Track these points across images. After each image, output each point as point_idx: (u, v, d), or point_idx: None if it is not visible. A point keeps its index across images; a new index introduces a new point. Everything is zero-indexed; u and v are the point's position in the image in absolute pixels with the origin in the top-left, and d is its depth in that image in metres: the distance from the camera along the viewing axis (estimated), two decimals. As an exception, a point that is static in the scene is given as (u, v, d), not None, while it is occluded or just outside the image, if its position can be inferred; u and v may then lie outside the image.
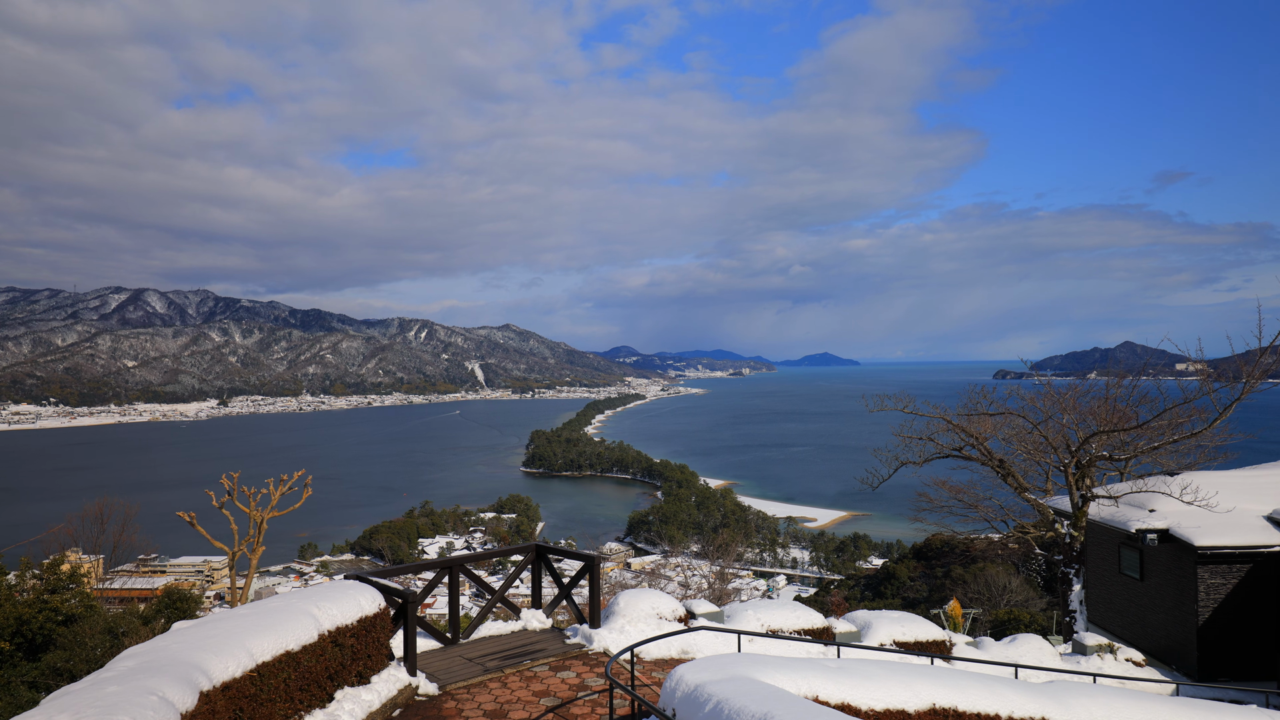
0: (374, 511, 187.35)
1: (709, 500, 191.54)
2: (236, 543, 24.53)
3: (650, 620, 16.13)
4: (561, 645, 15.49)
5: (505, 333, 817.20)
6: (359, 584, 12.67)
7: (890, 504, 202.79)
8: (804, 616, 17.84)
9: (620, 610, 16.30)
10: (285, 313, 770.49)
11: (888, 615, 19.16)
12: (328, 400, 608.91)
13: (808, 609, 18.20)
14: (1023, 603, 49.24)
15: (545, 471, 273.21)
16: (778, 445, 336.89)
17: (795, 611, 17.94)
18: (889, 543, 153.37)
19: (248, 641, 9.63)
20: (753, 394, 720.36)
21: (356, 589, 12.32)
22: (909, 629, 18.62)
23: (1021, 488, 24.34)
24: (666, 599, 16.81)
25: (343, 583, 12.81)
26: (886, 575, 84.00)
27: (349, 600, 11.86)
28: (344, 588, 12.30)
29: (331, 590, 12.06)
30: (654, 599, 16.68)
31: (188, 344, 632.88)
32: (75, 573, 23.05)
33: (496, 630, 16.48)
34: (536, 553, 17.37)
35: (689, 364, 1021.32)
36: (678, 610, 16.67)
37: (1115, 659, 20.32)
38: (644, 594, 16.86)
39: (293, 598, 11.53)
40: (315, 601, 11.38)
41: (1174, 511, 22.47)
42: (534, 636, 16.15)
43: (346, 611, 11.64)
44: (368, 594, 12.34)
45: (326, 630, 11.08)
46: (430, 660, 14.54)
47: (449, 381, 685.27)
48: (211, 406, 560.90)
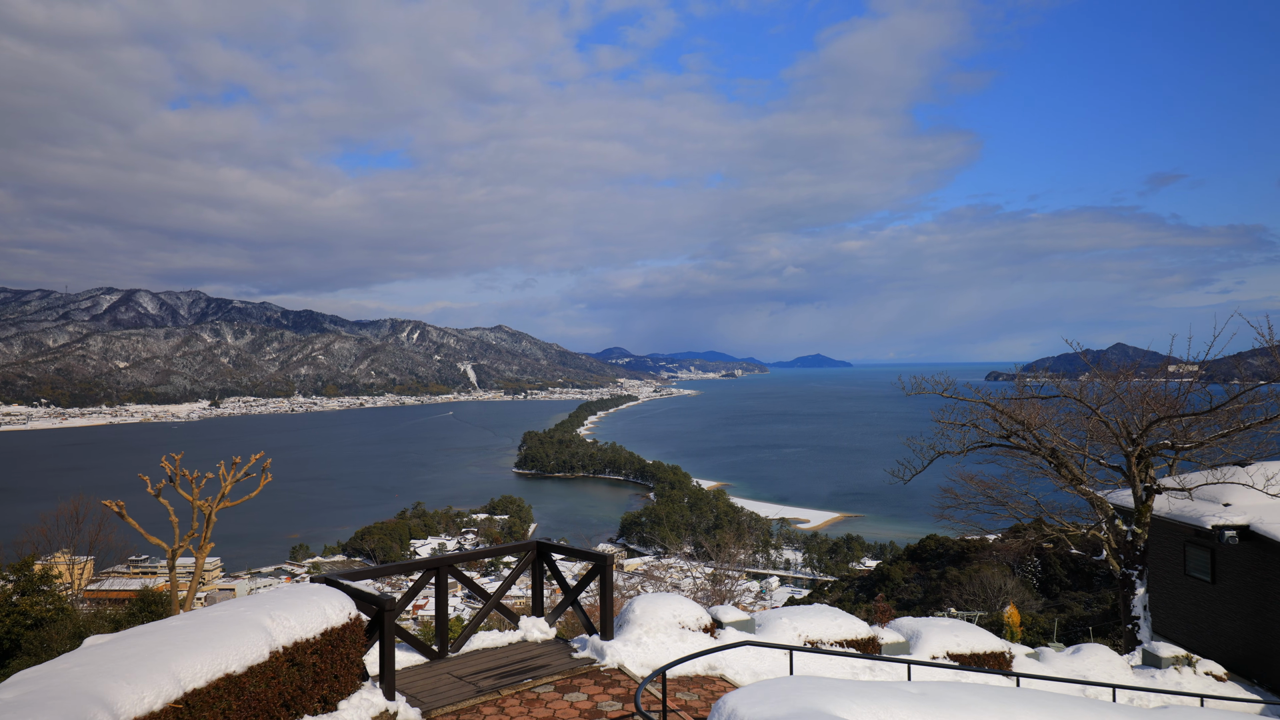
0: (366, 513, 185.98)
1: (702, 501, 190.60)
2: (177, 538, 21.19)
3: (671, 630, 13.97)
4: (568, 660, 13.41)
5: (498, 334, 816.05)
6: (325, 588, 10.61)
7: (883, 505, 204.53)
8: (846, 625, 15.70)
9: (636, 618, 14.08)
10: (277, 314, 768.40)
11: (937, 624, 16.93)
12: (320, 401, 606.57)
13: (849, 616, 16.03)
14: (1019, 604, 47.96)
15: (538, 473, 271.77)
16: (770, 446, 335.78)
17: (836, 619, 15.76)
18: (881, 544, 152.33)
19: (174, 662, 7.54)
20: (745, 395, 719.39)
21: (322, 594, 10.24)
22: (964, 639, 16.46)
23: (1076, 480, 22.10)
24: (689, 605, 14.62)
25: (305, 586, 10.68)
26: (881, 577, 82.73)
27: (311, 608, 9.75)
28: (306, 593, 10.20)
29: (290, 596, 9.94)
30: (674, 605, 14.49)
31: (179, 345, 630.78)
32: (47, 574, 21.89)
33: (491, 642, 14.29)
34: (537, 551, 15.09)
35: (681, 365, 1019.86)
36: (702, 618, 14.51)
37: (1194, 672, 17.97)
38: (663, 599, 14.67)
39: (241, 605, 9.40)
40: (268, 610, 9.27)
41: (1253, 506, 20.22)
42: (535, 649, 14.03)
43: (308, 622, 9.53)
44: (335, 600, 10.23)
45: (281, 646, 8.97)
46: (413, 679, 12.48)
47: (441, 382, 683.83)
48: (203, 407, 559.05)
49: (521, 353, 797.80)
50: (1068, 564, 71.55)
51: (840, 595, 78.03)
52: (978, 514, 26.36)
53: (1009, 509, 25.40)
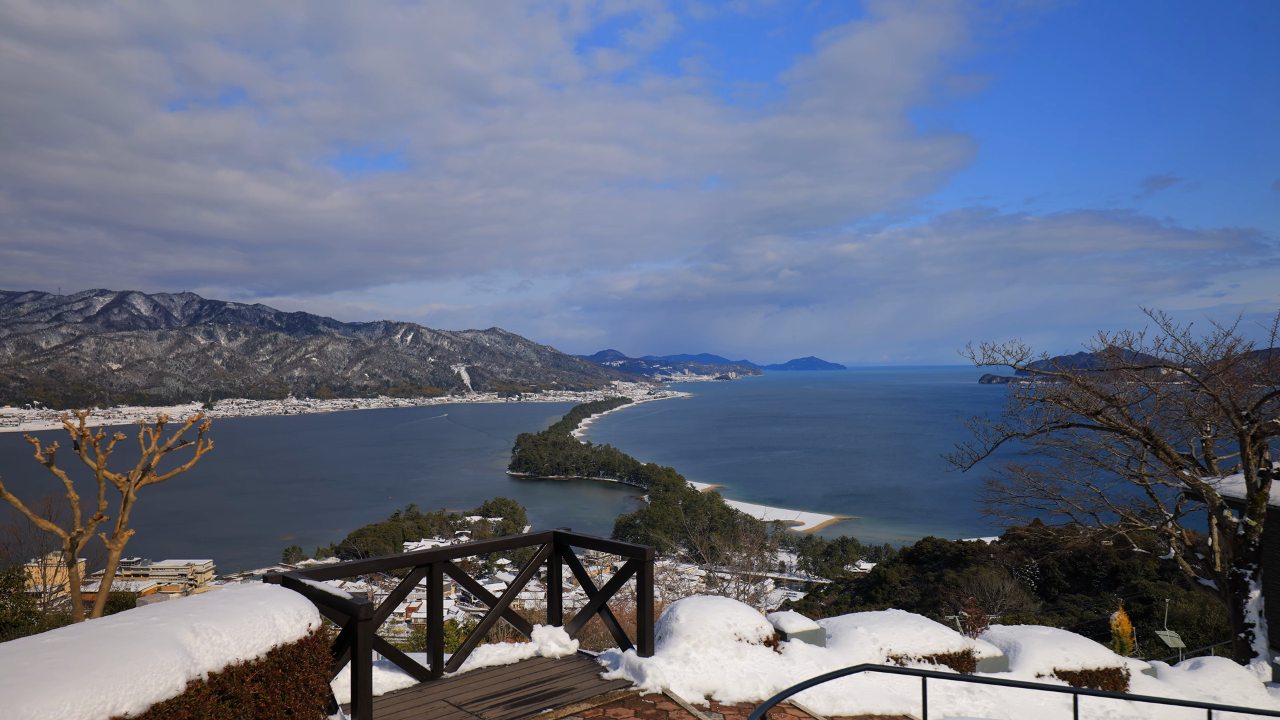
0: (360, 514, 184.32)
1: (696, 503, 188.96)
2: (78, 521, 16.04)
3: (726, 643, 11.25)
4: (597, 682, 10.65)
5: (492, 336, 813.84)
6: (278, 591, 8.04)
7: (877, 507, 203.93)
8: (935, 636, 13.04)
9: (681, 628, 11.33)
10: (271, 316, 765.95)
11: (1037, 633, 14.33)
12: (313, 403, 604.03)
13: (936, 625, 13.38)
14: (1017, 607, 46.35)
15: (531, 474, 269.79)
16: (764, 448, 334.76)
17: (921, 629, 13.12)
18: (877, 546, 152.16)
19: (25, 702, 4.97)
20: (739, 398, 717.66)
21: (271, 598, 7.70)
22: (1073, 652, 13.80)
23: (1175, 464, 19.43)
24: (745, 611, 11.93)
25: (250, 587, 8.04)
26: (877, 579, 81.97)
27: (254, 618, 7.17)
28: (248, 597, 7.61)
29: (226, 601, 7.40)
30: (728, 611, 11.77)
31: (172, 347, 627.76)
32: (13, 577, 19.37)
33: (499, 657, 11.50)
34: (554, 543, 12.36)
35: (675, 368, 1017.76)
36: (763, 628, 11.83)
37: (1337, 690, 15.43)
38: (713, 604, 11.92)
39: (154, 614, 6.74)
40: (191, 621, 6.63)
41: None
42: (554, 667, 11.27)
43: (248, 636, 6.96)
44: (290, 606, 7.68)
45: (207, 672, 6.31)
46: (398, 709, 9.68)
47: (435, 384, 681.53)
48: (196, 409, 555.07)
49: (515, 355, 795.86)
50: (1066, 566, 69.88)
51: (837, 598, 76.86)
52: (1024, 509, 23.96)
53: (1062, 503, 22.99)
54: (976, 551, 77.42)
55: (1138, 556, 65.73)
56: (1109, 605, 59.52)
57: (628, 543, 11.63)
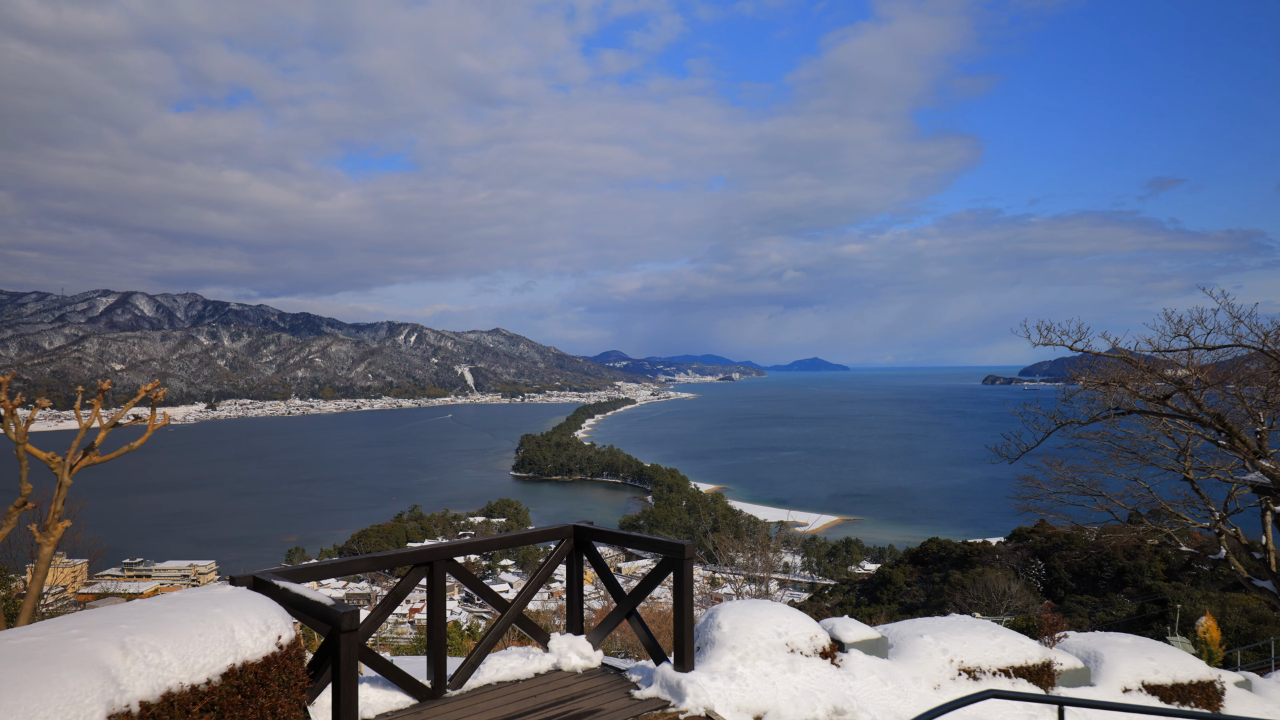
0: (364, 515, 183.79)
1: (700, 504, 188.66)
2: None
3: (777, 655, 9.68)
4: (627, 701, 9.09)
5: (495, 337, 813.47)
6: (243, 595, 6.59)
7: (882, 508, 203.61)
8: (1010, 646, 11.51)
9: (724, 637, 9.76)
10: (274, 316, 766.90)
11: (1118, 641, 12.85)
12: (316, 404, 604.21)
13: (1009, 633, 11.87)
14: (1024, 608, 45.66)
15: (535, 475, 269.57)
16: (768, 449, 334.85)
17: (994, 637, 11.60)
18: (880, 547, 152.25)
19: None
20: (743, 399, 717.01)
21: (231, 605, 6.25)
22: (1162, 663, 12.40)
23: (1254, 453, 18.00)
24: (797, 617, 10.41)
25: (209, 591, 6.57)
26: (882, 580, 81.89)
27: (206, 629, 5.71)
28: (201, 602, 6.14)
29: (173, 608, 5.92)
30: (777, 617, 10.23)
31: (176, 347, 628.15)
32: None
33: (510, 671, 9.80)
34: (574, 539, 10.74)
35: (679, 368, 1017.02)
36: (818, 637, 10.26)
37: None
38: (759, 609, 10.34)
39: (75, 625, 5.32)
40: (124, 634, 5.25)
41: None
42: (576, 684, 9.64)
43: (197, 653, 5.51)
44: (253, 615, 6.22)
45: (138, 701, 4.90)
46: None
47: (438, 385, 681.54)
48: (200, 410, 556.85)
49: (519, 356, 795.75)
50: (1072, 567, 69.04)
51: (841, 599, 76.36)
52: (1061, 505, 22.62)
53: (1101, 500, 21.66)
54: (982, 552, 76.83)
55: (1145, 557, 64.84)
56: (1116, 605, 58.69)
57: (663, 538, 9.93)
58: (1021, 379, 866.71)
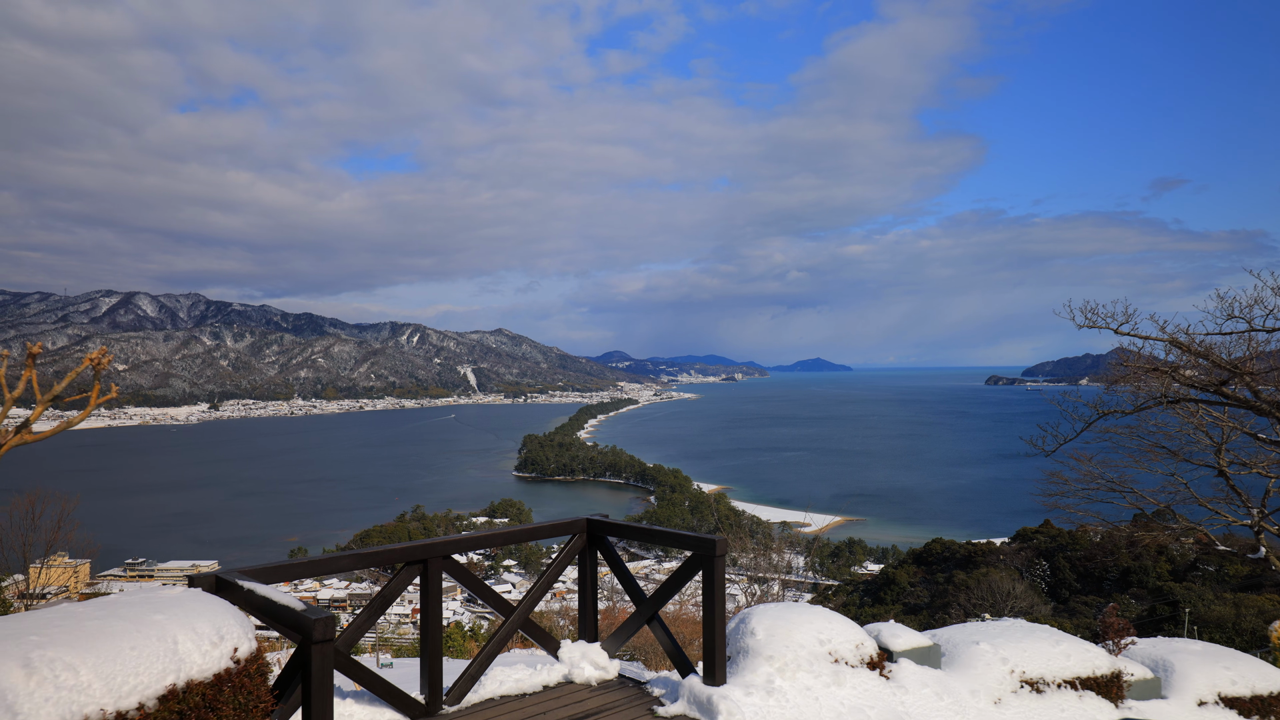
0: (367, 515, 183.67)
1: (702, 504, 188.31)
2: None
3: (820, 665, 8.90)
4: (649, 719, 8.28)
5: (498, 337, 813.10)
6: (194, 599, 5.79)
7: (885, 508, 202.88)
8: (1075, 654, 10.84)
9: (759, 646, 8.90)
10: (277, 316, 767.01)
11: (1188, 648, 12.45)
12: (319, 404, 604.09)
13: (1073, 639, 11.26)
14: (1027, 609, 45.99)
15: (538, 475, 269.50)
16: (771, 449, 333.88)
17: (1057, 644, 10.93)
18: (884, 548, 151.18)
19: None
20: (745, 399, 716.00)
21: (176, 611, 5.42)
22: (1239, 673, 11.81)
23: None
24: (840, 622, 9.64)
25: (151, 595, 5.75)
26: (886, 581, 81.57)
27: (141, 641, 4.94)
28: (139, 608, 5.35)
29: (103, 615, 5.16)
30: (818, 622, 9.45)
31: (178, 348, 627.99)
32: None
33: (515, 684, 8.85)
34: (588, 534, 9.80)
35: (681, 369, 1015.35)
36: (864, 645, 9.48)
37: None
38: (797, 613, 9.57)
39: None
40: (31, 647, 4.53)
41: None
42: (590, 698, 8.75)
43: (126, 672, 4.72)
44: (203, 623, 5.39)
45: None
46: None
47: (441, 385, 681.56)
48: (202, 410, 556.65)
49: (522, 356, 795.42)
50: (1076, 567, 69.43)
51: (845, 600, 76.57)
52: (1089, 502, 22.41)
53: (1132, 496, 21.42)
54: (986, 553, 77.00)
55: (1150, 557, 65.19)
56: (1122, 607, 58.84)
57: (690, 532, 8.95)
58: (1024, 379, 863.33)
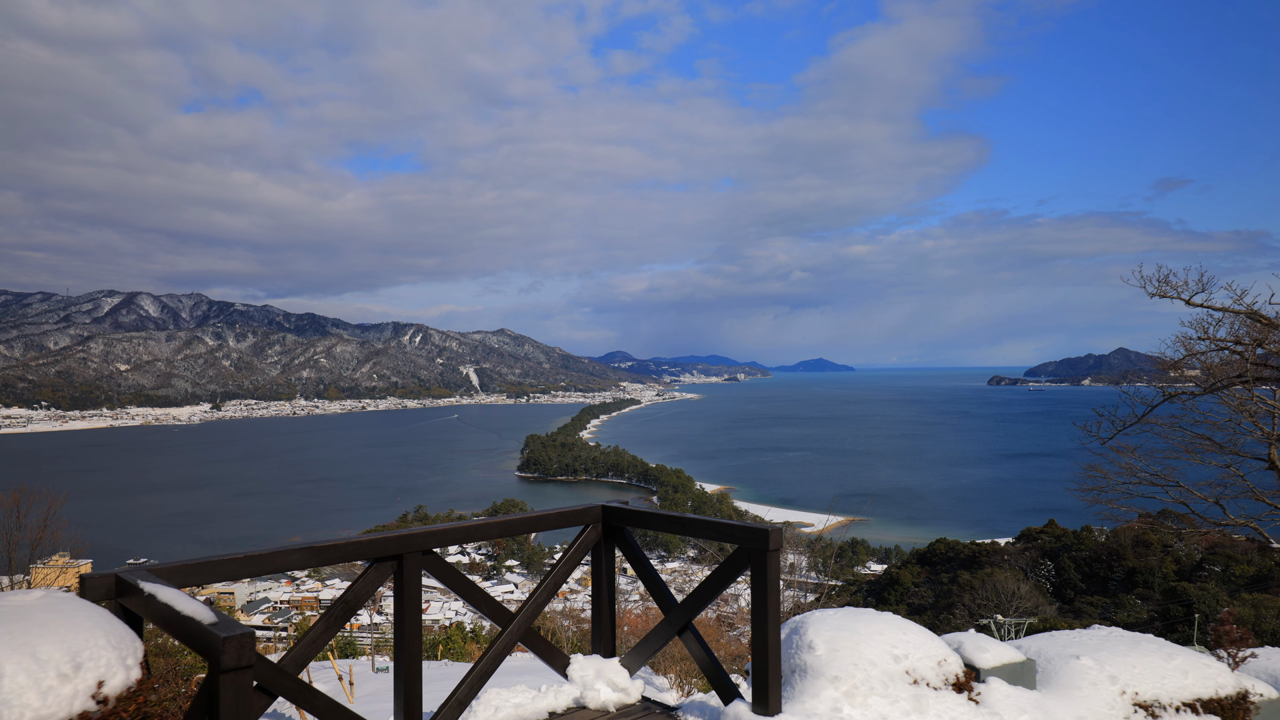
0: (369, 515, 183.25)
1: (705, 504, 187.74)
2: None
3: (896, 686, 7.13)
4: None
5: (500, 337, 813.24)
6: (54, 607, 4.31)
7: (889, 508, 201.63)
8: (1192, 669, 8.87)
9: (820, 663, 7.10)
10: (280, 317, 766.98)
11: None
12: (321, 404, 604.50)
13: (1187, 652, 9.24)
14: (1033, 609, 45.68)
15: (540, 475, 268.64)
16: (773, 449, 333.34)
17: (1170, 658, 8.97)
18: (888, 548, 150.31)
19: None
20: (748, 399, 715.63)
21: (14, 628, 3.97)
22: None
23: None
24: (915, 633, 7.86)
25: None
26: (890, 581, 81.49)
27: None
28: None
29: None
30: (890, 632, 7.67)
31: (181, 348, 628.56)
32: None
33: (514, 710, 6.79)
34: (603, 525, 7.65)
35: (684, 369, 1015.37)
36: (947, 661, 7.66)
37: None
38: (863, 622, 7.80)
39: None
40: None
41: None
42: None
43: None
44: (53, 646, 3.92)
45: None
46: None
47: (443, 386, 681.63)
48: (204, 410, 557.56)
49: (524, 356, 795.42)
50: (1082, 568, 69.15)
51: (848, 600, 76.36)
52: (1128, 498, 21.30)
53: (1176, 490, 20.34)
54: (990, 553, 76.75)
55: (1155, 556, 64.78)
56: (1128, 607, 58.41)
57: (735, 521, 6.83)
58: (1027, 379, 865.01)
